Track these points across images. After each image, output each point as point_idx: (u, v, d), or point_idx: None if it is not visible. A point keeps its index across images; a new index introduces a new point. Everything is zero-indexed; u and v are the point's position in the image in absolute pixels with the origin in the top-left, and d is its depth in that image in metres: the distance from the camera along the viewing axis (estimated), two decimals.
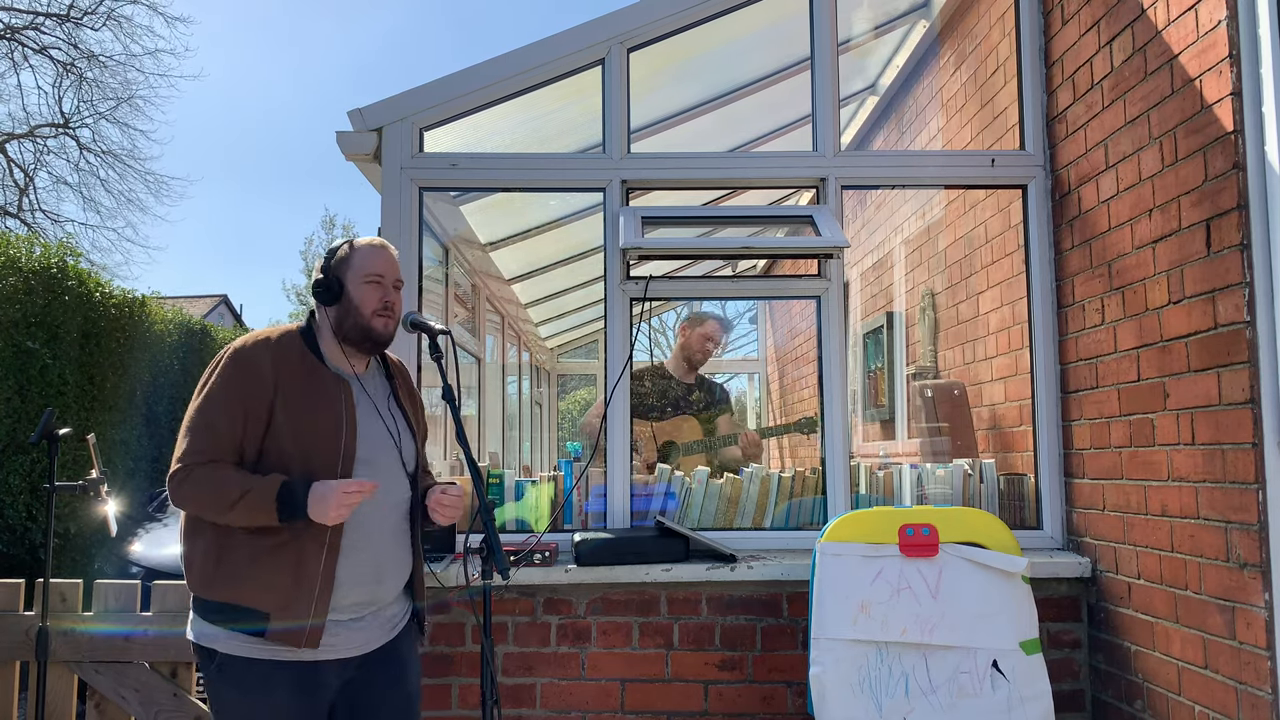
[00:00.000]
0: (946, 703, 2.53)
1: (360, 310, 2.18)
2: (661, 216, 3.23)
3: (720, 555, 2.94)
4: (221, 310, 27.14)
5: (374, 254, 2.22)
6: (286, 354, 2.14)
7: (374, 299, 2.19)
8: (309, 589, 2.04)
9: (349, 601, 2.12)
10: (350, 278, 2.20)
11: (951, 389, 3.98)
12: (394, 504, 2.21)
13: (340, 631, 2.11)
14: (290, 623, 2.02)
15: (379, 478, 2.13)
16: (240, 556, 2.05)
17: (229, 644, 2.05)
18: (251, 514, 2.00)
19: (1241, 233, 2.19)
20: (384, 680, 2.22)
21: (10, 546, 6.10)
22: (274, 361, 2.11)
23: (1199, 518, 2.36)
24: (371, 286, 2.19)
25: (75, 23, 17.37)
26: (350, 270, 2.20)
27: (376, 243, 2.26)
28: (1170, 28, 2.47)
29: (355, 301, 2.18)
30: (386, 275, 2.22)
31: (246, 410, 2.07)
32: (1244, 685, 2.18)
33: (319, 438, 2.10)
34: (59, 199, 34.53)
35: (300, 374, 2.14)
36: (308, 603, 2.03)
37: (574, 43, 3.20)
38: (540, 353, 8.19)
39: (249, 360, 2.10)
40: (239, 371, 2.09)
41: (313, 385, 2.14)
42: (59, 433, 2.82)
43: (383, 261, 2.23)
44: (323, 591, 2.05)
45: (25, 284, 6.29)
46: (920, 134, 4.66)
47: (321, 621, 2.05)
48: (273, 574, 2.03)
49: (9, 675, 2.92)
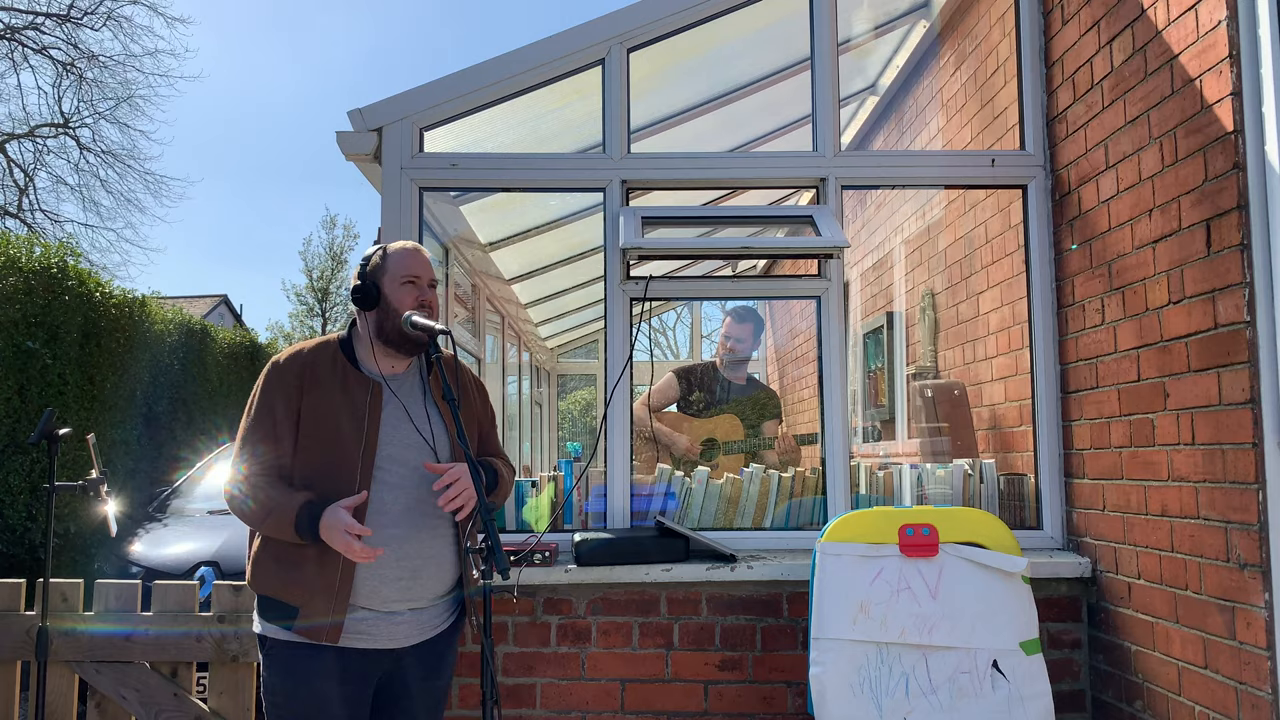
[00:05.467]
0: (946, 703, 2.53)
1: (398, 312, 2.24)
2: (661, 216, 3.23)
3: (720, 555, 2.94)
4: (221, 310, 27.14)
5: (408, 256, 2.30)
6: (318, 361, 2.26)
7: (410, 299, 2.26)
8: (329, 587, 2.14)
9: (381, 597, 2.17)
10: (386, 281, 2.27)
11: (951, 389, 3.98)
12: (425, 505, 2.23)
13: (379, 623, 2.18)
14: (313, 619, 2.14)
15: (408, 476, 2.21)
16: (275, 556, 2.20)
17: (276, 633, 2.19)
18: (280, 530, 2.15)
19: (1241, 233, 2.19)
20: (420, 673, 2.27)
21: (10, 546, 6.11)
22: (303, 369, 2.24)
23: (1199, 518, 2.36)
24: (407, 288, 2.27)
25: (75, 23, 17.39)
26: (386, 274, 2.28)
27: (410, 246, 2.34)
28: (1170, 28, 2.48)
29: (393, 304, 2.25)
30: (422, 276, 2.30)
31: (277, 420, 2.20)
32: (1244, 685, 2.18)
33: (341, 436, 2.19)
34: (59, 199, 34.57)
35: (330, 378, 2.24)
36: (328, 600, 2.14)
37: (574, 43, 3.20)
38: (540, 353, 8.18)
39: (281, 372, 2.24)
40: (270, 385, 2.24)
41: (341, 388, 2.23)
42: (59, 433, 2.82)
43: (417, 263, 2.30)
44: (342, 589, 2.14)
45: (25, 284, 6.29)
46: (920, 134, 4.66)
47: (341, 618, 2.14)
48: (299, 572, 2.15)
49: (10, 675, 2.92)
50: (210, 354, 9.51)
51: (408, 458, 2.23)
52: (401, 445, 2.23)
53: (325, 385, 2.23)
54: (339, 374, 2.25)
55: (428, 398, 2.33)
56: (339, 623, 2.14)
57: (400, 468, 2.22)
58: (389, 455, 2.21)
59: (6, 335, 6.09)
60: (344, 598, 2.14)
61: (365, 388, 2.25)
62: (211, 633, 2.87)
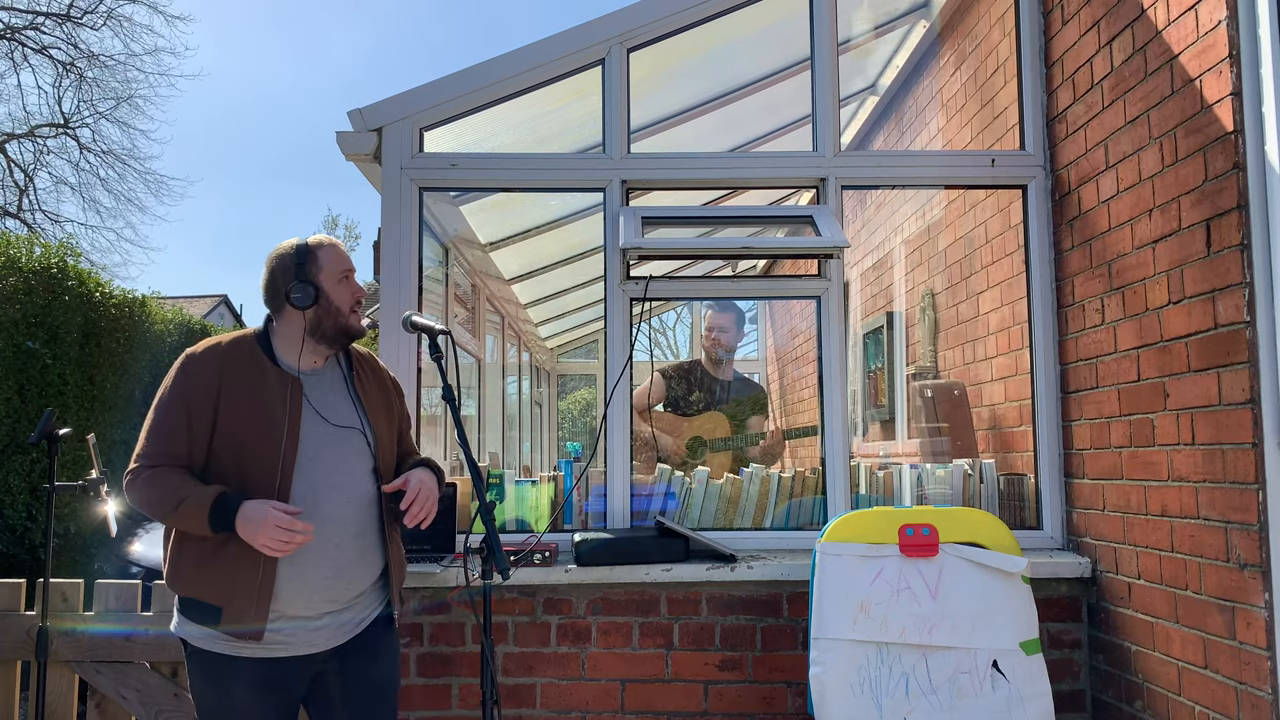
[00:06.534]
0: (946, 703, 2.53)
1: (340, 309, 2.22)
2: (661, 216, 3.23)
3: (720, 555, 2.94)
4: (221, 310, 27.13)
5: (337, 251, 2.28)
6: (235, 356, 2.19)
7: (349, 296, 2.24)
8: (250, 590, 2.07)
9: (301, 602, 2.11)
10: (325, 279, 2.23)
11: (951, 389, 3.98)
12: (351, 500, 2.18)
13: (297, 632, 2.12)
14: (236, 622, 2.07)
15: (329, 474, 2.16)
16: (194, 555, 2.11)
17: (196, 637, 2.12)
18: (189, 522, 2.06)
19: (1241, 233, 2.19)
20: (353, 666, 2.22)
21: (10, 546, 6.10)
22: (220, 364, 2.17)
23: (1199, 518, 2.36)
24: (345, 284, 2.24)
25: (75, 22, 17.37)
26: (323, 271, 2.23)
27: (330, 240, 2.30)
28: (1170, 28, 2.47)
29: (335, 301, 2.22)
30: (352, 270, 2.29)
31: (190, 414, 2.12)
32: (1244, 685, 2.18)
33: (260, 433, 2.12)
34: (59, 199, 34.55)
35: (247, 375, 2.17)
36: (249, 602, 2.07)
37: (574, 43, 3.20)
38: (540, 353, 8.18)
39: (196, 365, 2.17)
40: (185, 377, 2.16)
41: (258, 384, 2.17)
42: (59, 433, 2.82)
43: (347, 257, 2.29)
44: (263, 593, 2.07)
45: (25, 284, 6.29)
46: (920, 134, 4.66)
47: (262, 625, 2.07)
48: (219, 573, 2.08)
49: (10, 675, 2.92)
50: None
51: (324, 454, 2.17)
52: (319, 442, 2.17)
53: (243, 379, 2.16)
54: (257, 369, 2.18)
55: (351, 391, 2.28)
56: (260, 628, 2.07)
57: (316, 465, 2.15)
58: (309, 452, 2.15)
59: (6, 335, 6.09)
60: (265, 598, 2.07)
61: (284, 383, 2.18)
62: None
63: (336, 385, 2.28)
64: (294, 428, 2.14)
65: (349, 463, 2.20)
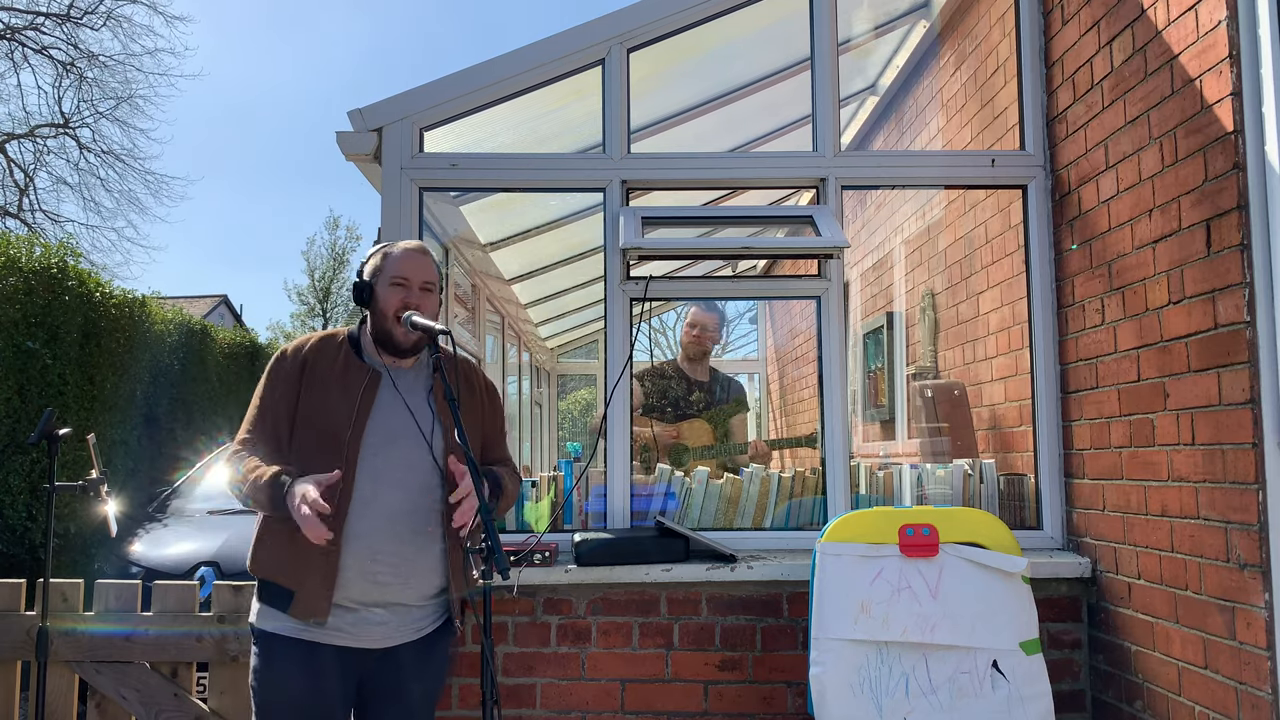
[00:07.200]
0: (946, 703, 2.53)
1: (384, 313, 2.25)
2: (661, 216, 3.23)
3: (720, 555, 2.94)
4: (222, 310, 27.15)
5: (401, 258, 2.29)
6: (324, 348, 2.29)
7: (395, 301, 2.24)
8: (317, 575, 2.12)
9: (359, 593, 2.15)
10: (379, 281, 2.27)
11: (951, 389, 3.98)
12: (413, 499, 2.20)
13: (358, 623, 2.16)
14: (305, 606, 2.13)
15: (393, 468, 2.19)
16: (273, 536, 2.19)
17: (261, 619, 2.21)
18: (258, 499, 2.14)
19: (1241, 233, 2.19)
20: (404, 676, 2.24)
21: (10, 546, 6.10)
22: (309, 355, 2.27)
23: (1199, 518, 2.36)
24: (395, 289, 2.25)
25: (75, 22, 17.38)
26: (381, 274, 2.28)
27: (410, 247, 2.33)
28: (1170, 28, 2.48)
29: (380, 304, 2.25)
30: (411, 278, 2.26)
31: (276, 398, 2.24)
32: (1244, 685, 2.18)
33: (330, 421, 2.18)
34: (59, 199, 34.58)
35: (330, 365, 2.26)
36: (318, 587, 2.12)
37: (574, 43, 3.20)
38: (540, 353, 8.18)
39: (287, 355, 2.30)
40: (277, 363, 2.29)
41: (339, 373, 2.25)
42: (59, 433, 2.82)
43: (409, 265, 2.27)
44: (326, 578, 2.12)
45: (25, 284, 6.29)
46: (920, 134, 4.66)
47: (326, 612, 2.12)
48: (289, 557, 2.14)
49: (10, 675, 2.92)
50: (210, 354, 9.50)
51: (390, 450, 2.19)
52: (387, 436, 2.20)
53: (326, 368, 2.24)
54: (340, 363, 2.26)
55: (430, 395, 2.30)
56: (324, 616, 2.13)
57: (380, 458, 2.18)
58: (374, 445, 2.18)
59: (6, 335, 6.09)
60: (330, 585, 2.12)
61: (363, 375, 2.24)
62: (211, 633, 2.87)
63: (417, 387, 2.30)
64: (361, 418, 2.19)
65: (412, 460, 2.21)
